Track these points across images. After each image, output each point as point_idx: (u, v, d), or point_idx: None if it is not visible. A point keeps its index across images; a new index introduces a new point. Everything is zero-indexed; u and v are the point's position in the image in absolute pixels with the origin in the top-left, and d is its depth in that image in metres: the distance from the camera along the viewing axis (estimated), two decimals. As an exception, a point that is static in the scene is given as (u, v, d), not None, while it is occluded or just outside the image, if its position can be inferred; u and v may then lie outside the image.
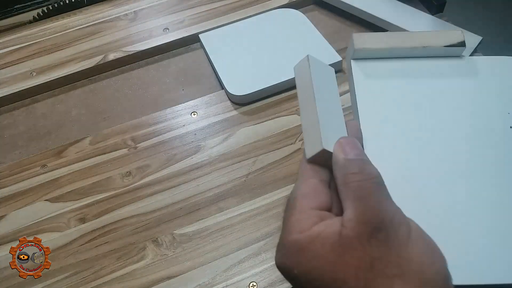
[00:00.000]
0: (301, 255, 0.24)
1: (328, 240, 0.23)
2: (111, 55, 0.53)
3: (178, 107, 0.47)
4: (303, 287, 0.24)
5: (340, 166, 0.25)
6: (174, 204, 0.40)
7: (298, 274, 0.23)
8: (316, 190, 0.26)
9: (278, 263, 0.25)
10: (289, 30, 0.52)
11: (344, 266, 0.22)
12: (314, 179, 0.26)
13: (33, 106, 0.51)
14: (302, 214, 0.25)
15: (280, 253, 0.25)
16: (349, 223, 0.23)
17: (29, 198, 0.42)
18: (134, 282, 0.36)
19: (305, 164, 0.27)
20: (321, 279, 0.23)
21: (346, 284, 0.22)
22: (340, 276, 0.22)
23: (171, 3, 0.59)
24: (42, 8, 0.60)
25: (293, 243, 0.24)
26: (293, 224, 0.25)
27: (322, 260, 0.23)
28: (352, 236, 0.23)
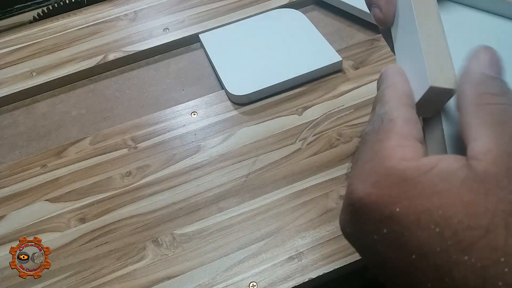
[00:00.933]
0: (411, 189, 0.17)
1: (454, 174, 0.17)
2: (111, 55, 0.53)
3: (178, 107, 0.47)
4: (403, 231, 0.17)
5: (476, 81, 0.19)
6: (174, 204, 0.40)
7: (403, 212, 0.17)
8: (416, 120, 0.20)
9: (363, 195, 0.18)
10: (289, 30, 0.52)
11: (488, 211, 0.16)
12: (413, 108, 0.21)
13: (33, 106, 0.51)
14: (405, 140, 0.19)
15: (369, 182, 0.19)
16: (487, 155, 0.17)
17: (29, 198, 0.42)
18: (134, 282, 0.36)
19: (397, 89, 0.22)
20: (446, 223, 0.16)
21: (488, 235, 0.16)
22: (481, 223, 0.16)
23: (171, 3, 0.59)
24: (42, 8, 0.60)
25: (394, 172, 0.18)
26: (392, 149, 0.19)
27: (450, 198, 0.17)
28: (498, 171, 0.17)
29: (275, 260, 0.35)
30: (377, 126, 0.20)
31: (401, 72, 0.23)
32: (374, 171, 0.19)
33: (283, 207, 0.38)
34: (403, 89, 0.22)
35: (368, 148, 0.20)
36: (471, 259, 0.16)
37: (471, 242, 0.16)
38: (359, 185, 0.19)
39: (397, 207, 0.17)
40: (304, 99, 0.47)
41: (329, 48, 0.49)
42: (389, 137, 0.19)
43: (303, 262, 0.35)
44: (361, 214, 0.19)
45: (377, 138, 0.20)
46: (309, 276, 0.34)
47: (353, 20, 0.55)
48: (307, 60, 0.48)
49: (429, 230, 0.17)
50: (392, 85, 0.22)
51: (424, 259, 0.17)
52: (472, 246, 0.16)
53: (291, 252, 0.36)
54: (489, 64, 0.20)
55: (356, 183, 0.19)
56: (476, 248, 0.16)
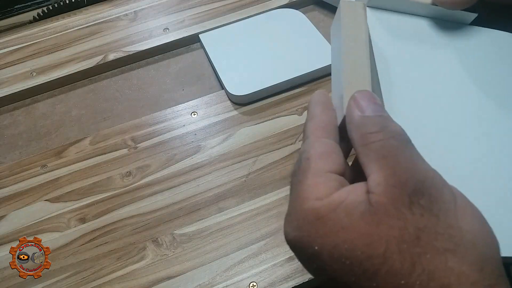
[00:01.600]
0: (323, 227, 0.19)
1: (355, 208, 0.19)
2: (111, 55, 0.53)
3: (178, 107, 0.47)
4: (325, 266, 0.19)
5: (356, 125, 0.21)
6: (174, 204, 0.40)
7: (320, 250, 0.19)
8: (331, 151, 0.22)
9: (291, 238, 0.21)
10: (289, 30, 0.52)
11: (381, 239, 0.18)
12: (328, 139, 0.22)
13: (33, 106, 0.51)
14: (318, 177, 0.21)
15: (292, 225, 0.21)
16: (378, 188, 0.19)
17: (29, 198, 0.42)
18: (134, 282, 0.36)
19: (315, 122, 0.23)
20: (351, 256, 0.18)
21: (386, 262, 0.18)
22: (378, 252, 0.18)
23: (171, 3, 0.59)
24: (42, 8, 0.60)
25: (310, 212, 0.20)
26: (308, 189, 0.20)
27: (351, 231, 0.18)
28: (386, 202, 0.18)
29: (275, 260, 0.35)
30: (297, 166, 0.22)
31: (322, 101, 0.24)
32: (295, 213, 0.21)
33: (283, 207, 0.38)
34: (320, 122, 0.23)
35: (293, 190, 0.22)
36: (378, 286, 0.18)
37: (374, 270, 0.18)
38: (287, 228, 0.21)
39: (315, 246, 0.19)
40: (304, 99, 0.46)
41: (329, 48, 0.49)
42: (306, 176, 0.21)
43: (303, 262, 0.35)
44: (296, 253, 0.21)
45: (298, 179, 0.21)
46: (309, 276, 0.34)
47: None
48: (307, 60, 0.48)
49: (341, 263, 0.18)
50: (311, 118, 0.24)
51: (346, 286, 0.19)
52: (376, 274, 0.18)
53: (291, 252, 0.35)
54: (366, 105, 0.21)
55: (286, 226, 0.21)
56: (379, 275, 0.18)
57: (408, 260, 0.17)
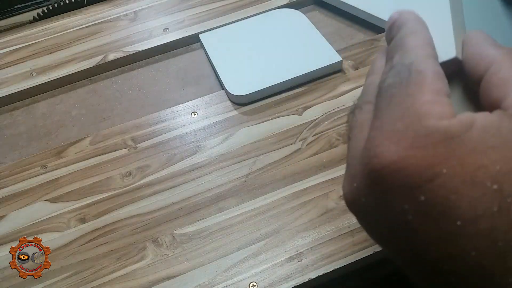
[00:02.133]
0: (459, 146, 0.16)
1: (501, 126, 0.16)
2: (111, 55, 0.53)
3: (178, 107, 0.47)
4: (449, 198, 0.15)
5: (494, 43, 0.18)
6: (174, 204, 0.40)
7: (452, 173, 0.15)
8: (444, 74, 0.18)
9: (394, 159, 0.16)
10: (289, 30, 0.52)
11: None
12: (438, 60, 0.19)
13: (33, 106, 0.51)
14: (438, 96, 0.17)
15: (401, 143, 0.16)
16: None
17: (29, 198, 0.42)
18: (134, 282, 0.36)
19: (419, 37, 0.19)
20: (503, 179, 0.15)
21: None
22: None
23: (171, 3, 0.59)
24: (42, 8, 0.60)
25: (435, 130, 0.16)
26: (427, 105, 0.17)
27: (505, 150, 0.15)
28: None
29: (275, 260, 0.35)
30: (404, 77, 0.18)
31: (421, 21, 0.20)
32: (410, 130, 0.16)
33: (283, 207, 0.38)
34: (425, 38, 0.19)
35: (396, 104, 0.17)
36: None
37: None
38: (390, 147, 0.16)
39: (444, 168, 0.15)
40: (304, 99, 0.47)
41: (329, 48, 0.49)
42: (422, 91, 0.17)
43: (303, 262, 0.35)
44: (389, 182, 0.16)
45: (407, 92, 0.17)
46: (309, 276, 0.34)
47: (353, 20, 0.54)
48: (307, 60, 0.48)
49: (485, 188, 0.15)
50: (414, 32, 0.20)
51: (473, 223, 0.15)
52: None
53: (291, 252, 0.36)
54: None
55: (386, 145, 0.17)
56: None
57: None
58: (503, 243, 0.15)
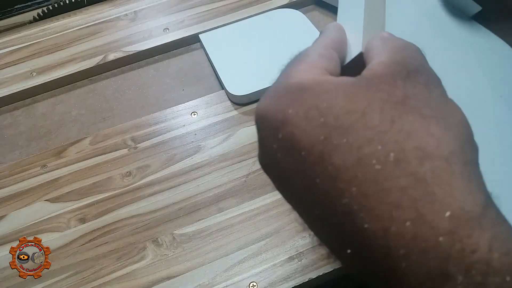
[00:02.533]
0: (303, 93, 0.19)
1: (345, 80, 0.19)
2: (111, 55, 0.53)
3: (178, 107, 0.47)
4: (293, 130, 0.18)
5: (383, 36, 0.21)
6: (174, 204, 0.40)
7: (293, 112, 0.18)
8: (334, 58, 0.22)
9: (262, 106, 0.20)
10: (289, 30, 0.52)
11: (365, 98, 0.18)
12: (334, 50, 0.22)
13: (33, 106, 0.51)
14: (312, 67, 0.20)
15: (268, 96, 0.20)
16: (379, 65, 0.19)
17: (29, 198, 0.42)
18: (134, 282, 0.36)
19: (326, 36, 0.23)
20: (328, 112, 0.18)
21: (364, 117, 0.17)
22: (358, 107, 0.17)
23: (171, 3, 0.59)
24: (42, 8, 0.60)
25: (292, 84, 0.19)
26: (297, 72, 0.20)
27: (334, 93, 0.18)
28: (382, 73, 0.18)
29: (275, 260, 0.35)
30: (293, 59, 0.22)
31: (339, 27, 0.24)
32: (277, 88, 0.20)
33: (283, 207, 0.38)
34: (332, 36, 0.23)
35: (280, 75, 0.21)
36: (348, 141, 0.17)
37: (349, 125, 0.17)
38: (262, 100, 0.20)
39: (290, 109, 0.18)
40: (304, 99, 0.46)
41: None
42: (299, 63, 0.21)
43: (303, 262, 0.35)
44: (262, 127, 0.20)
45: (289, 65, 0.21)
46: (309, 276, 0.34)
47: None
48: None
49: (315, 121, 0.18)
50: (324, 34, 0.24)
51: (310, 152, 0.17)
52: (350, 128, 0.17)
53: (291, 252, 0.36)
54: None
55: (261, 100, 0.20)
56: (353, 130, 0.17)
57: (387, 118, 0.17)
58: (331, 167, 0.17)
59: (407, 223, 0.15)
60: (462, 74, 0.33)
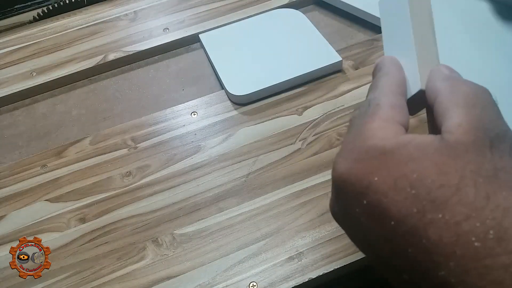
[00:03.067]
0: (388, 159, 0.19)
1: (429, 145, 0.19)
2: (111, 55, 0.53)
3: (178, 107, 0.47)
4: (381, 199, 0.18)
5: (446, 76, 0.21)
6: (174, 204, 0.40)
7: (380, 180, 0.18)
8: (403, 106, 0.22)
9: (343, 170, 0.20)
10: (289, 30, 0.52)
11: (456, 171, 0.17)
12: (402, 96, 0.22)
13: (33, 106, 0.51)
14: (386, 122, 0.20)
15: (348, 158, 0.20)
16: (459, 128, 0.19)
17: (29, 198, 0.42)
18: (134, 282, 0.36)
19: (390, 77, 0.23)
20: (420, 185, 0.17)
21: (459, 192, 0.17)
22: (452, 182, 0.17)
23: (171, 3, 0.59)
24: (42, 8, 0.60)
25: (374, 148, 0.19)
26: (374, 130, 0.20)
27: (423, 162, 0.18)
28: (466, 140, 0.18)
29: (275, 260, 0.35)
30: (363, 110, 0.22)
31: (397, 63, 0.24)
32: (355, 149, 0.20)
33: (283, 207, 0.38)
34: (396, 78, 0.23)
35: (353, 130, 0.21)
36: (444, 216, 0.17)
37: (444, 200, 0.17)
38: (341, 163, 0.20)
39: (375, 177, 0.18)
40: (304, 99, 0.47)
41: (329, 48, 0.49)
42: (373, 119, 0.20)
43: (303, 262, 0.35)
44: (344, 190, 0.20)
45: (363, 121, 0.21)
46: (309, 276, 0.34)
47: (353, 20, 0.54)
48: (307, 60, 0.48)
49: (405, 193, 0.18)
50: (387, 73, 0.23)
51: (402, 223, 0.18)
52: (445, 204, 0.17)
53: (291, 252, 0.36)
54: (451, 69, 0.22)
55: (339, 161, 0.20)
56: (449, 205, 0.17)
57: (482, 194, 0.17)
58: (426, 241, 0.17)
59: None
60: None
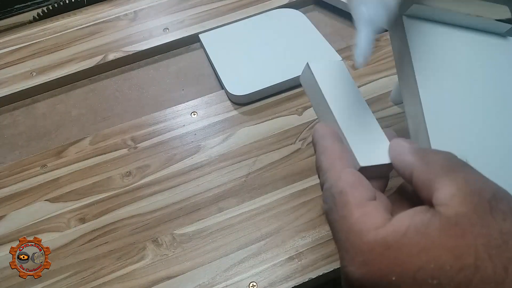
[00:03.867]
0: (398, 254, 0.18)
1: (429, 226, 0.18)
2: (111, 55, 0.53)
3: (178, 107, 0.47)
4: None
5: (412, 150, 0.22)
6: (174, 204, 0.40)
7: (399, 279, 0.18)
8: (360, 178, 0.22)
9: (359, 276, 0.19)
10: (289, 30, 0.52)
11: (470, 249, 0.17)
12: (350, 168, 0.22)
13: (33, 106, 0.51)
14: (364, 207, 0.20)
15: (357, 263, 0.19)
16: (453, 199, 0.19)
17: (29, 198, 0.42)
18: (134, 282, 0.36)
19: (329, 154, 0.23)
20: (440, 274, 0.17)
21: (479, 271, 0.17)
22: (469, 262, 0.17)
23: (171, 3, 0.59)
24: (42, 8, 0.60)
25: (375, 243, 0.19)
26: (360, 221, 0.20)
27: (435, 249, 0.18)
28: (467, 211, 0.18)
29: (275, 260, 0.35)
30: (332, 202, 0.22)
31: (327, 133, 0.24)
32: (354, 250, 0.20)
33: (283, 207, 0.38)
34: (334, 152, 0.23)
35: (338, 228, 0.21)
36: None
37: (467, 281, 0.17)
38: (350, 268, 0.20)
39: (393, 276, 0.18)
40: (304, 99, 0.46)
41: (329, 48, 0.49)
42: (349, 210, 0.20)
43: (303, 262, 0.35)
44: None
45: (340, 215, 0.21)
46: (309, 276, 0.34)
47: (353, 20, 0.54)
48: (307, 60, 0.48)
49: (428, 285, 0.18)
50: (323, 151, 0.24)
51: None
52: (469, 285, 0.17)
53: (291, 252, 0.36)
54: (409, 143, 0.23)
55: (348, 267, 0.20)
56: (472, 285, 0.17)
57: (499, 265, 0.17)
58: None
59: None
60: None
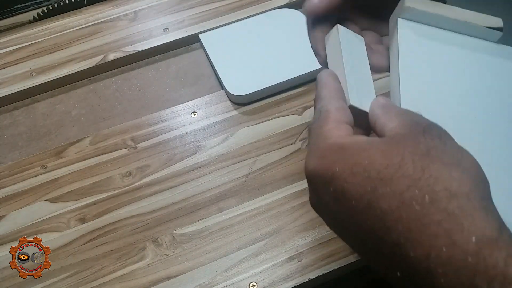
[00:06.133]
0: (345, 152, 0.23)
1: (376, 140, 0.23)
2: (111, 55, 0.53)
3: (178, 107, 0.47)
4: (344, 184, 0.22)
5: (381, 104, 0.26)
6: (174, 204, 0.40)
7: (341, 169, 0.23)
8: (346, 108, 0.26)
9: (312, 167, 0.24)
10: (289, 30, 0.52)
11: (398, 153, 0.22)
12: (342, 100, 0.27)
13: (33, 106, 0.51)
14: (338, 124, 0.25)
15: (315, 156, 0.24)
16: (397, 126, 0.24)
17: (29, 198, 0.42)
18: (134, 282, 0.36)
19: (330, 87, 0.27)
20: (371, 168, 0.22)
21: (401, 168, 0.21)
22: (395, 161, 0.22)
23: (171, 3, 0.59)
24: (42, 8, 0.60)
25: (334, 144, 0.24)
26: (331, 131, 0.25)
27: (372, 151, 0.22)
28: (404, 131, 0.23)
29: (275, 260, 0.35)
30: (317, 117, 0.26)
31: (332, 74, 0.29)
32: (319, 148, 0.24)
33: (283, 207, 0.38)
34: (334, 87, 0.28)
35: (313, 134, 0.26)
36: (391, 189, 0.21)
37: (390, 176, 0.21)
38: (309, 161, 0.24)
39: (336, 167, 0.23)
40: (304, 99, 0.47)
41: (329, 48, 0.49)
42: (327, 122, 0.25)
43: (303, 262, 0.35)
44: (315, 183, 0.24)
45: (319, 125, 0.25)
46: (309, 276, 0.34)
47: (353, 20, 0.54)
48: (307, 60, 0.48)
49: (360, 176, 0.22)
50: (325, 85, 0.28)
51: (360, 201, 0.22)
52: (391, 179, 0.21)
53: (291, 252, 0.36)
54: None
55: (308, 161, 0.25)
56: (394, 180, 0.21)
57: (418, 167, 0.21)
58: (380, 211, 0.21)
59: (444, 249, 0.19)
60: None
